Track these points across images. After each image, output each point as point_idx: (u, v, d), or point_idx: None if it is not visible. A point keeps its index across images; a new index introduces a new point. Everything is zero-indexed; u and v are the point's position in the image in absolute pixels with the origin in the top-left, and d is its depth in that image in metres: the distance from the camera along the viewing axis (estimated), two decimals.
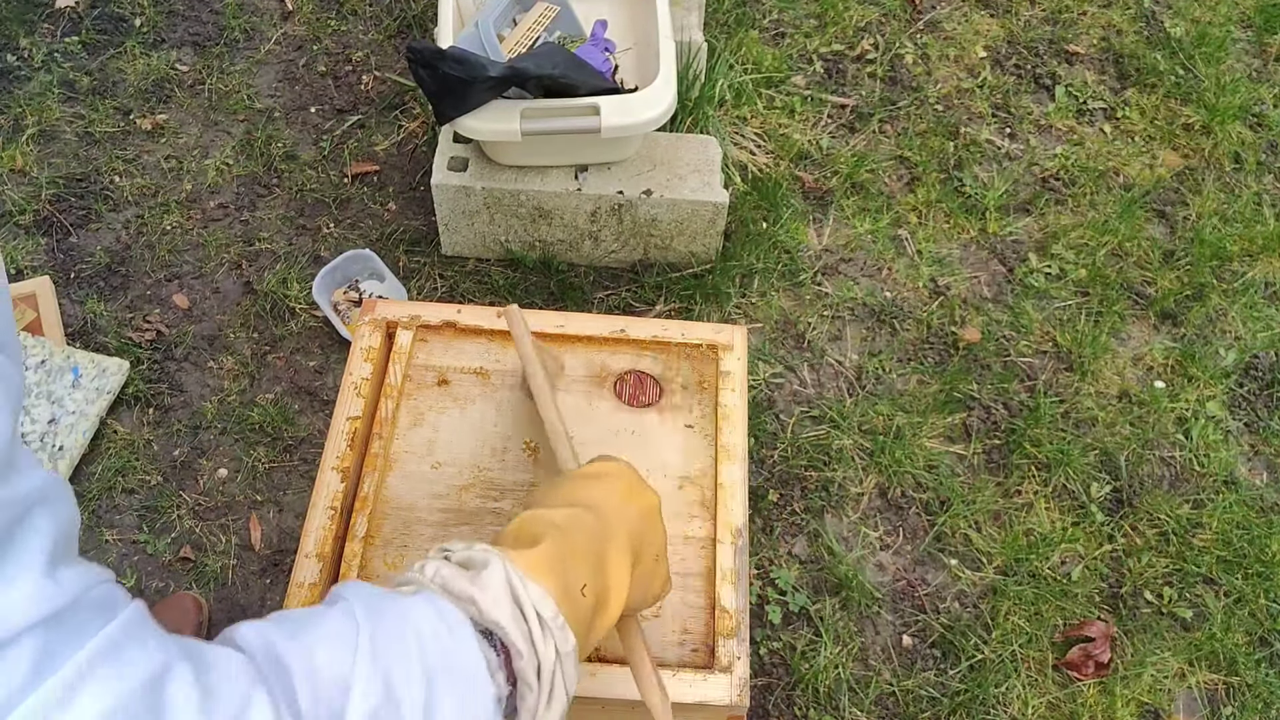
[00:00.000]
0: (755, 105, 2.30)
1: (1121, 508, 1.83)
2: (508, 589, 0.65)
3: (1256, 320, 2.07)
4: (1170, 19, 2.56)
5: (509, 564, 0.66)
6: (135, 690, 0.48)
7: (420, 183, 2.17)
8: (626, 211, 1.95)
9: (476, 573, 0.65)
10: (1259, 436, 1.94)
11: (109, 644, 0.49)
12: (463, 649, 0.61)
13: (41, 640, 0.46)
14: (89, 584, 0.50)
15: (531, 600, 0.65)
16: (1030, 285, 2.09)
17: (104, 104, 2.27)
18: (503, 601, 0.64)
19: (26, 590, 0.47)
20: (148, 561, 1.72)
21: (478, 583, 0.64)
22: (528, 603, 0.65)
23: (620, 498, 0.79)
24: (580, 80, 1.78)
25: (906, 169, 2.26)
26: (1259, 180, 2.29)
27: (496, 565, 0.66)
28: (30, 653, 0.46)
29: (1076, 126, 2.36)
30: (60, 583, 0.49)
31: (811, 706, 1.62)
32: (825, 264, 2.10)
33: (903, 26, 2.51)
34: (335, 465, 1.08)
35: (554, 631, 0.65)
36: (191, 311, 1.99)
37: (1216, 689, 1.68)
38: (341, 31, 2.43)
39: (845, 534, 1.78)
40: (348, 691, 0.56)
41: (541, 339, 1.21)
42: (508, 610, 0.64)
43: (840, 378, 1.96)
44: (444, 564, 0.66)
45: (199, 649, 0.54)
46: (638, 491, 0.81)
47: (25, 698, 0.45)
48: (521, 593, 0.65)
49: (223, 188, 2.16)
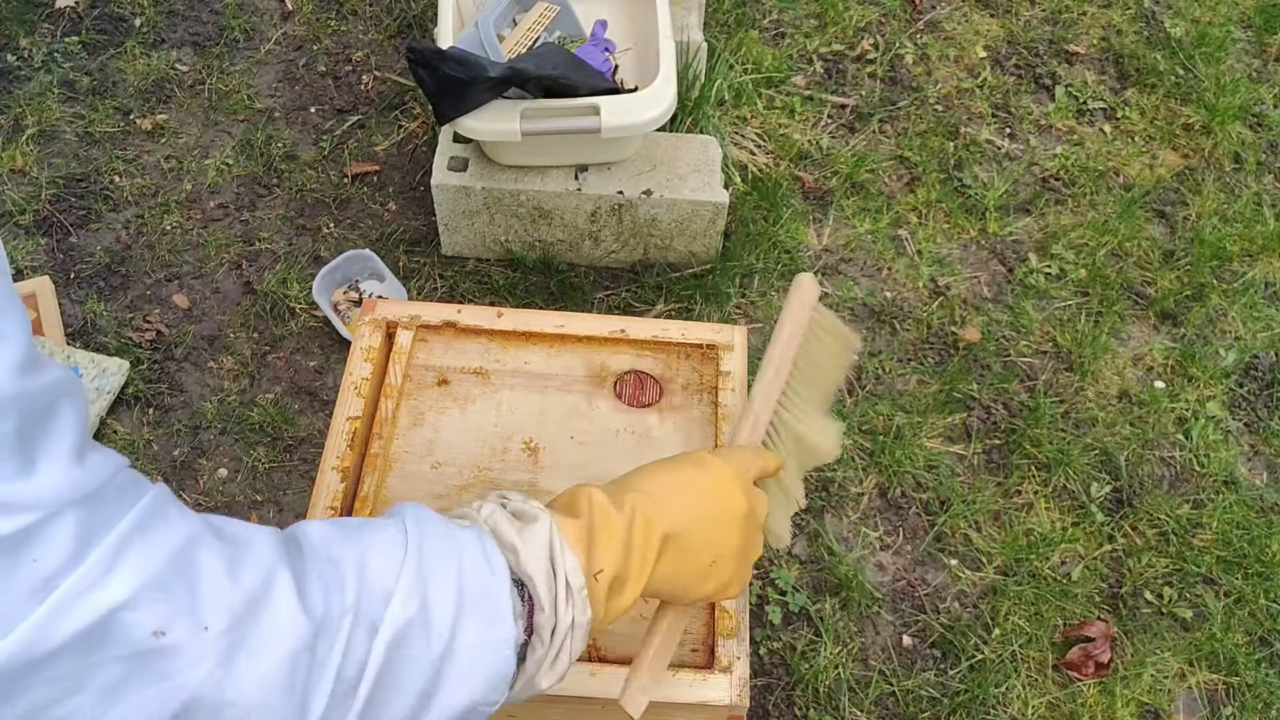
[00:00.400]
0: (755, 105, 2.30)
1: (1121, 508, 1.83)
2: (548, 549, 0.68)
3: (1256, 320, 2.07)
4: (1170, 19, 2.56)
5: (556, 528, 0.70)
6: (168, 560, 0.53)
7: (420, 183, 2.17)
8: (626, 211, 1.95)
9: (525, 525, 0.69)
10: (1259, 436, 1.94)
11: (139, 521, 0.53)
12: (497, 588, 0.65)
13: (80, 518, 0.50)
14: (114, 469, 0.55)
15: (565, 567, 0.68)
16: (1030, 285, 2.09)
17: (104, 104, 2.27)
18: (541, 559, 0.67)
19: (60, 474, 0.51)
20: None
21: (524, 534, 0.68)
22: (561, 568, 0.68)
23: (695, 490, 0.78)
24: (580, 80, 1.78)
25: (906, 169, 2.26)
26: (1259, 180, 2.29)
27: (545, 524, 0.69)
28: (72, 529, 0.50)
29: (1076, 126, 2.36)
30: (89, 468, 0.53)
31: (811, 706, 1.62)
32: (825, 264, 2.10)
33: (903, 26, 2.51)
34: (335, 465, 1.08)
35: (577, 601, 0.69)
36: (191, 311, 1.99)
37: (1216, 689, 1.68)
38: (341, 31, 2.43)
39: (845, 534, 1.78)
40: (389, 598, 0.60)
41: (542, 339, 1.21)
42: (544, 567, 0.67)
43: None
44: (499, 509, 0.70)
45: (228, 526, 0.59)
46: (723, 492, 0.79)
47: (72, 571, 0.49)
48: (559, 556, 0.68)
49: (223, 188, 2.16)
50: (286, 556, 0.58)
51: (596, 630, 0.72)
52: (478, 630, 0.63)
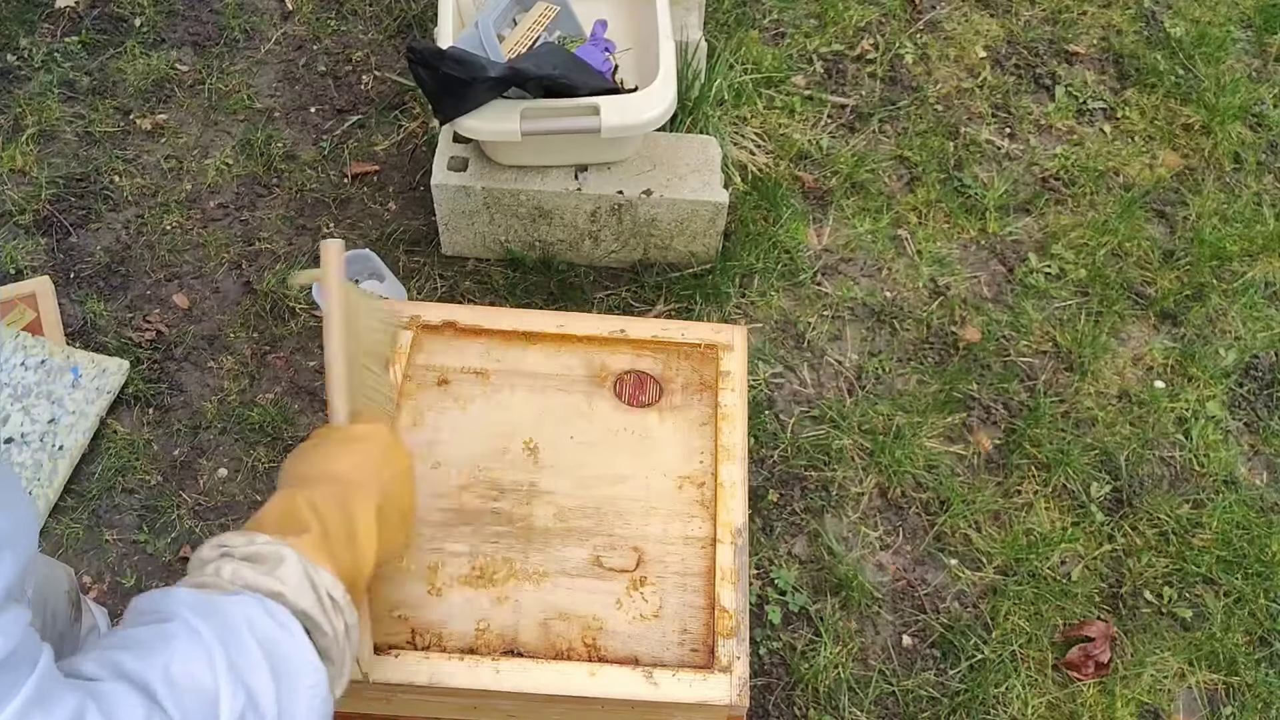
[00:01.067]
0: (755, 105, 2.30)
1: (1121, 508, 1.83)
2: (306, 578, 0.71)
3: (1256, 320, 2.07)
4: (1170, 19, 2.56)
5: (300, 555, 0.73)
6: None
7: (420, 183, 2.17)
8: (626, 211, 1.95)
9: (273, 566, 0.71)
10: (1259, 436, 1.94)
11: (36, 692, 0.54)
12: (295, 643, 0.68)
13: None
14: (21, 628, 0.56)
15: (324, 585, 0.73)
16: (1030, 285, 2.09)
17: (104, 104, 2.27)
18: (306, 590, 0.71)
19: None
20: (148, 561, 1.72)
21: (278, 575, 0.71)
22: (322, 587, 0.72)
23: (375, 462, 0.86)
24: (580, 80, 1.78)
25: (906, 169, 2.26)
26: (1259, 180, 2.29)
27: (292, 558, 0.72)
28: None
29: (1076, 126, 2.37)
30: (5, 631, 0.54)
31: (811, 706, 1.62)
32: (825, 264, 2.10)
33: (903, 26, 2.51)
34: None
35: (344, 610, 0.74)
36: (191, 311, 1.99)
37: (1216, 689, 1.68)
38: (341, 31, 2.43)
39: (845, 534, 1.78)
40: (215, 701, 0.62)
41: (542, 339, 1.20)
42: (311, 598, 0.71)
43: (840, 378, 1.96)
44: (239, 564, 0.71)
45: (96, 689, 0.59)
46: (391, 456, 0.88)
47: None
48: (316, 579, 0.72)
49: (223, 188, 2.16)
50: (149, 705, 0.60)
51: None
52: (297, 690, 0.66)
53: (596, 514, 1.08)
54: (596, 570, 1.04)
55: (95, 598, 1.67)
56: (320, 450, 0.85)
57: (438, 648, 0.99)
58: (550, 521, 1.07)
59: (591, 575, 1.04)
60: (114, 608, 1.66)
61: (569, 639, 1.00)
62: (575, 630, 1.00)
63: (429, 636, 1.00)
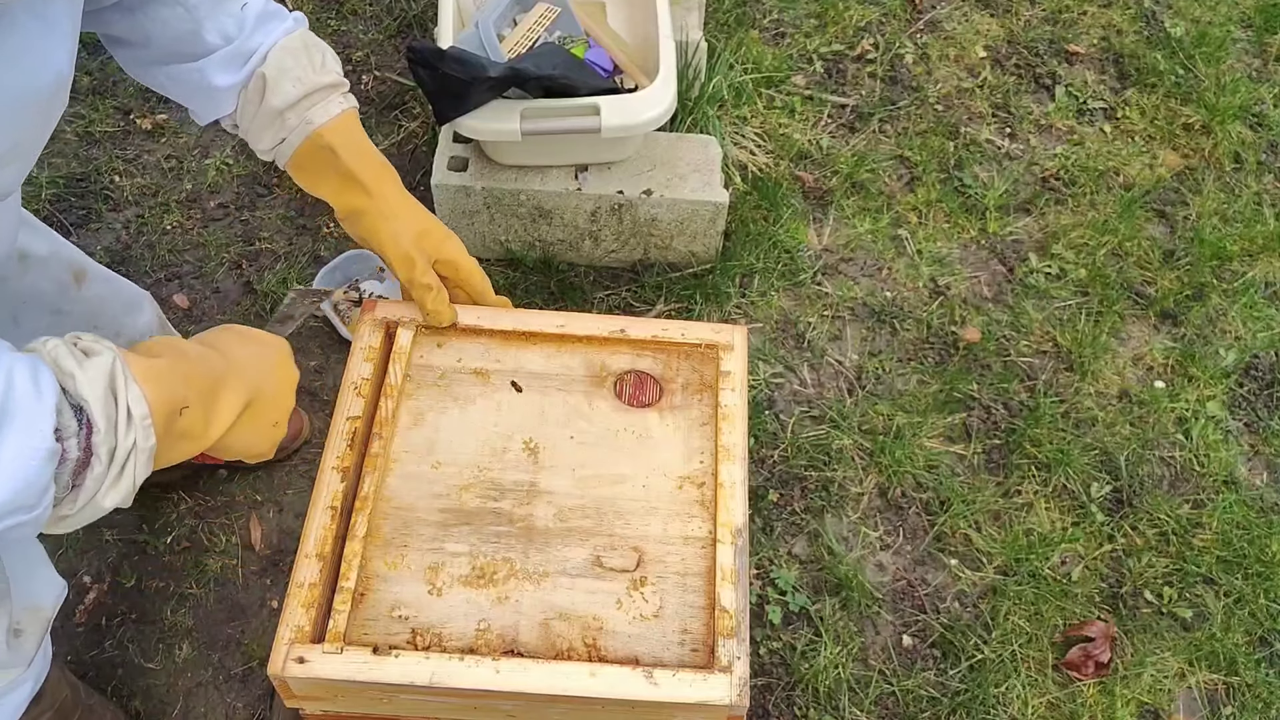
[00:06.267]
0: (755, 105, 2.30)
1: (1121, 508, 1.83)
2: (108, 378, 0.76)
3: (1256, 320, 2.07)
4: (1170, 19, 2.56)
5: (121, 361, 0.77)
6: None
7: (420, 183, 2.17)
8: (626, 211, 1.95)
9: (89, 357, 0.76)
10: (1259, 436, 1.94)
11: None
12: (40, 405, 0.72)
13: None
14: None
15: (128, 397, 0.76)
16: (1030, 285, 2.09)
17: (104, 104, 2.27)
18: (98, 385, 0.75)
19: None
20: (148, 561, 1.72)
21: (84, 365, 0.75)
22: (123, 396, 0.76)
23: (267, 364, 0.94)
24: (580, 80, 1.79)
25: (906, 169, 2.26)
26: (1259, 180, 2.29)
27: (107, 357, 0.77)
28: None
29: (1076, 126, 2.37)
30: None
31: (811, 706, 1.62)
32: (825, 264, 2.10)
33: (903, 26, 2.51)
34: (335, 465, 1.08)
35: (139, 428, 0.77)
36: (192, 311, 1.99)
37: (1216, 689, 1.68)
38: (341, 31, 2.43)
39: (845, 534, 1.78)
40: None
41: (542, 339, 1.21)
42: (100, 393, 0.75)
43: (840, 378, 1.96)
44: (64, 344, 0.77)
45: None
46: (282, 366, 0.96)
47: None
48: (121, 386, 0.76)
49: (223, 188, 2.16)
50: None
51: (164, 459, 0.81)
52: (15, 440, 0.70)
53: (597, 514, 1.08)
54: (596, 570, 1.04)
55: (96, 598, 1.67)
56: (225, 333, 0.95)
57: (438, 648, 0.99)
58: (550, 521, 1.07)
59: (591, 575, 1.04)
60: (114, 607, 1.66)
61: (569, 639, 1.00)
62: (575, 630, 1.00)
63: (429, 636, 1.00)
